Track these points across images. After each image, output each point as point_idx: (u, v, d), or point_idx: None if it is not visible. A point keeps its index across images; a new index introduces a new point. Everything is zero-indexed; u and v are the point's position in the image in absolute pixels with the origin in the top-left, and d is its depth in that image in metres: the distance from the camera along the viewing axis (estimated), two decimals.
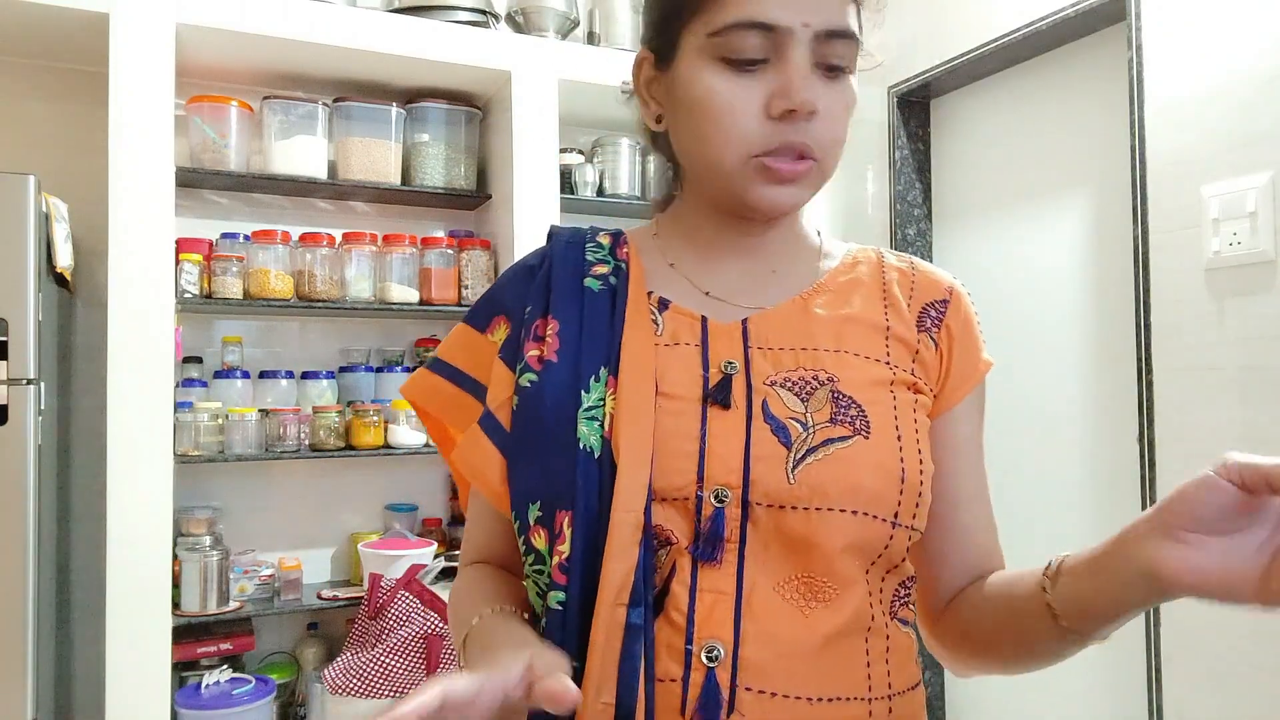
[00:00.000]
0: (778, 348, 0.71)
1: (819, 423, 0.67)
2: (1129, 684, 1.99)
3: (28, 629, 1.78)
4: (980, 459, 0.80)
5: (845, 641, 0.67)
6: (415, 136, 2.53)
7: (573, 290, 0.75)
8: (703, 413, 0.68)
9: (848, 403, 0.69)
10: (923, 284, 0.79)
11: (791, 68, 0.67)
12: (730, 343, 0.72)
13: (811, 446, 0.66)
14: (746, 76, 0.68)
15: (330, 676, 2.01)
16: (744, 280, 0.77)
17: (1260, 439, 1.69)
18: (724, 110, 0.68)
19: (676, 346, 0.72)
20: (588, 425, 0.68)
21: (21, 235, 1.82)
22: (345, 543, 2.55)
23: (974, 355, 0.78)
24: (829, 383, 0.69)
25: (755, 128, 0.68)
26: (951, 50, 2.40)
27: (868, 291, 0.77)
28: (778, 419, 0.67)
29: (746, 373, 0.70)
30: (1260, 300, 1.71)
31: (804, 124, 0.68)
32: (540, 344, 0.72)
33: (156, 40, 2.06)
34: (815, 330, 0.73)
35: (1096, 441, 2.14)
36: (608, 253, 0.78)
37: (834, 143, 0.71)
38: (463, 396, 0.78)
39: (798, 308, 0.75)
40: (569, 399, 0.69)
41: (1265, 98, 1.70)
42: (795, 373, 0.70)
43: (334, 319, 2.59)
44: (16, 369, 1.81)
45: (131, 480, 1.98)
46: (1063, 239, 2.25)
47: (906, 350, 0.75)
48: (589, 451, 0.67)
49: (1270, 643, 1.67)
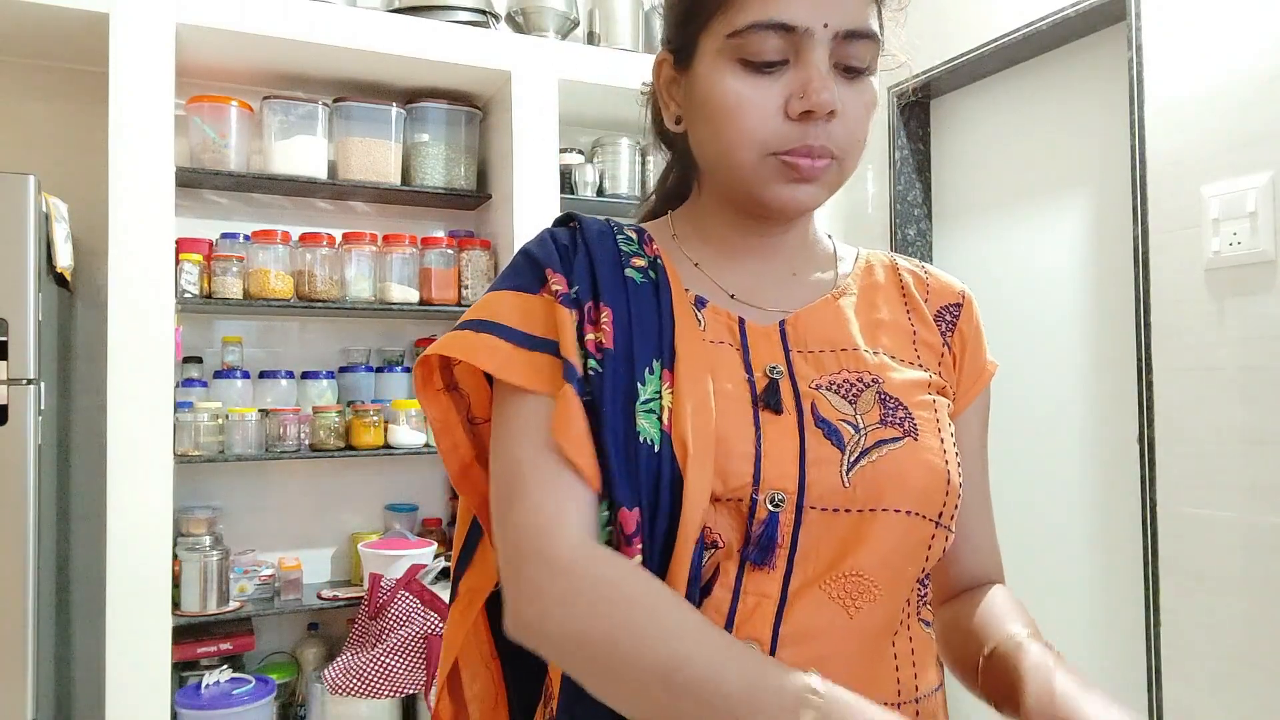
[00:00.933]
0: (817, 350, 0.72)
1: (870, 424, 0.67)
2: (1129, 684, 1.99)
3: (28, 629, 1.78)
4: (984, 465, 0.80)
5: (876, 643, 0.66)
6: (415, 136, 2.53)
7: (617, 280, 0.71)
8: (754, 415, 0.67)
9: (895, 404, 0.69)
10: (937, 288, 0.80)
11: (811, 69, 0.66)
12: (770, 346, 0.71)
13: (865, 448, 0.66)
14: (766, 77, 0.67)
15: (330, 676, 2.01)
16: (764, 282, 0.76)
17: (1260, 439, 1.69)
18: (742, 110, 0.68)
19: (720, 345, 0.71)
20: (646, 418, 0.65)
21: (21, 235, 1.82)
22: (345, 543, 2.55)
23: (981, 359, 0.79)
24: (874, 384, 0.70)
25: (774, 128, 0.67)
26: (951, 50, 2.40)
27: (889, 295, 0.78)
28: (829, 422, 0.67)
29: (791, 376, 0.69)
30: (1260, 300, 1.71)
31: (823, 125, 0.67)
32: (596, 328, 0.68)
33: (156, 40, 2.06)
34: (850, 332, 0.73)
35: (1096, 441, 2.14)
36: (639, 246, 0.76)
37: (854, 143, 0.70)
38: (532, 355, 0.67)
39: (830, 310, 0.74)
40: (627, 389, 0.66)
41: (1265, 98, 1.70)
42: (839, 375, 0.70)
43: (334, 319, 2.59)
44: (16, 369, 1.81)
45: (131, 480, 1.98)
46: (1063, 239, 2.25)
47: (933, 354, 0.76)
48: (650, 445, 0.64)
49: (1270, 643, 1.67)
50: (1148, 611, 1.87)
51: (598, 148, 2.74)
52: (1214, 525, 1.76)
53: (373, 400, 2.45)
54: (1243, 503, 1.72)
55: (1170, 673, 1.84)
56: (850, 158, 0.70)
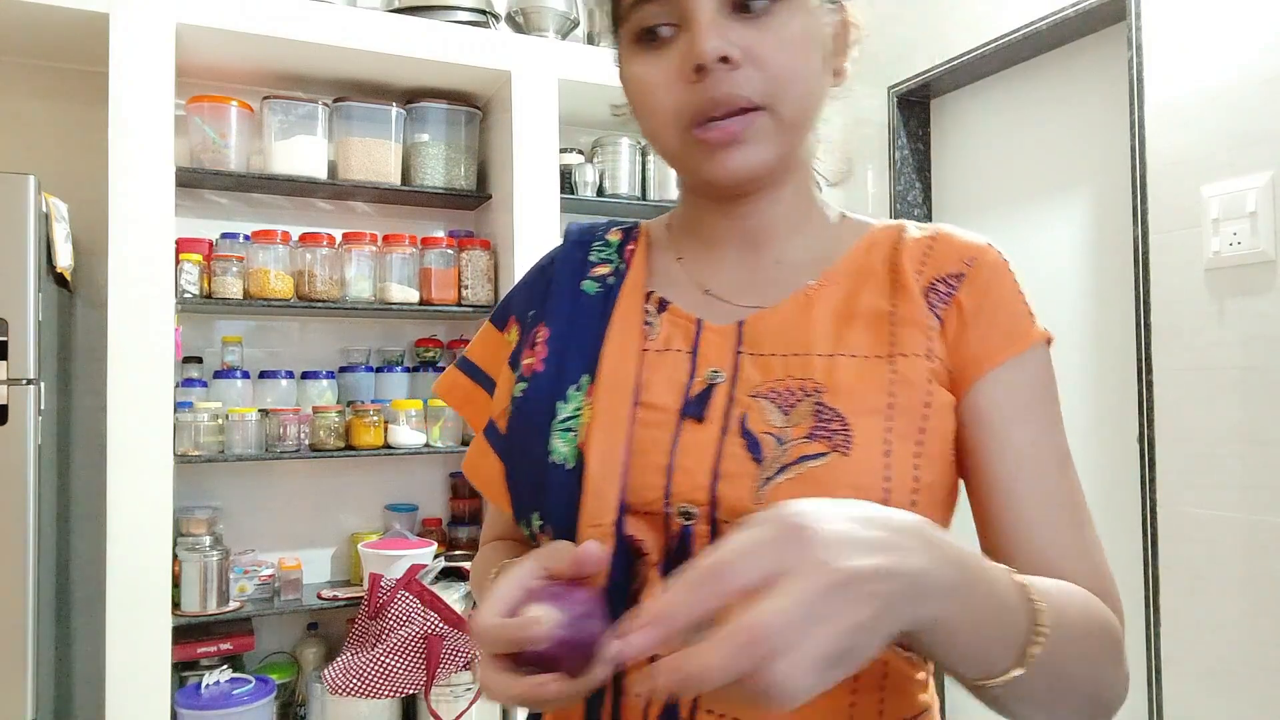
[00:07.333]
0: (770, 354, 0.66)
1: (796, 438, 0.61)
2: (1129, 684, 2.00)
3: (28, 629, 1.78)
4: (1037, 459, 0.64)
5: None
6: (415, 136, 2.53)
7: (568, 294, 0.72)
8: (677, 425, 0.64)
9: (831, 416, 0.61)
10: (940, 255, 0.69)
11: (694, 23, 0.62)
12: (721, 348, 0.67)
13: (784, 464, 0.60)
14: (661, 51, 0.64)
15: (330, 676, 2.01)
16: (744, 274, 0.72)
17: (1260, 439, 1.69)
18: (647, 89, 0.65)
19: (666, 353, 0.68)
20: (563, 437, 0.65)
21: (21, 235, 1.82)
22: (345, 543, 2.55)
23: (1002, 326, 0.66)
24: (815, 394, 0.63)
25: (678, 97, 0.63)
26: (951, 50, 2.40)
27: (879, 278, 0.69)
28: (753, 434, 0.62)
29: (733, 382, 0.65)
30: (1260, 300, 1.71)
31: (727, 74, 0.62)
32: (533, 351, 0.71)
33: (156, 40, 2.06)
34: (813, 332, 0.66)
35: (1097, 441, 2.14)
36: (614, 251, 0.75)
37: (779, 84, 0.63)
38: (478, 392, 0.77)
39: (798, 306, 0.68)
40: (545, 410, 0.67)
41: (1265, 98, 1.70)
42: (782, 383, 0.64)
43: (334, 319, 2.59)
44: (16, 369, 1.81)
45: (131, 480, 1.98)
46: (1063, 239, 2.25)
47: (920, 333, 0.65)
48: (561, 464, 0.64)
49: (1270, 643, 1.67)
50: (1148, 611, 1.87)
51: (598, 148, 2.74)
52: (1214, 525, 1.76)
53: (373, 400, 2.45)
54: (1243, 503, 1.72)
55: (1170, 673, 1.84)
56: (781, 102, 0.64)
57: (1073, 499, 0.65)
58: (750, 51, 0.62)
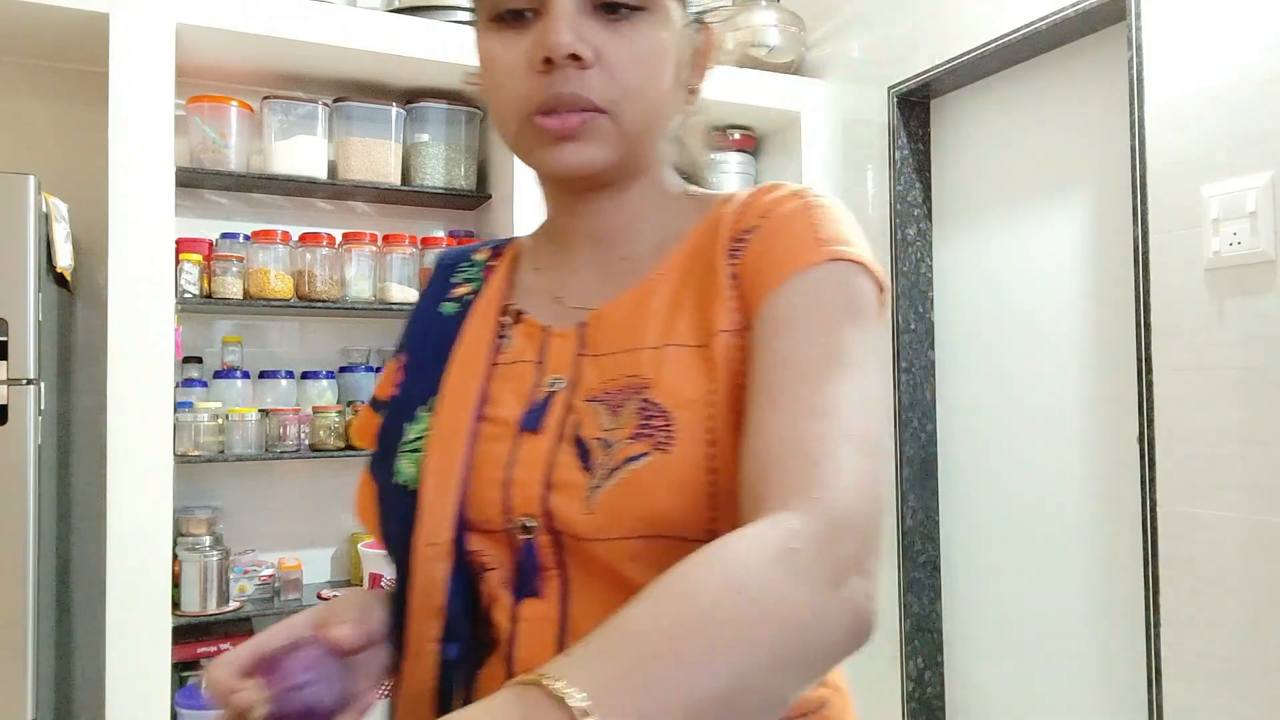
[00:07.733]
0: (606, 353, 0.64)
1: (622, 440, 0.59)
2: (1129, 684, 1.99)
3: (28, 629, 1.78)
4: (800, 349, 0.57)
5: None
6: (415, 136, 2.53)
7: (427, 319, 0.73)
8: (517, 437, 0.63)
9: (654, 412, 0.59)
10: (736, 217, 0.65)
11: (552, 13, 0.60)
12: (564, 354, 0.66)
13: (612, 468, 0.58)
14: (516, 32, 0.62)
15: None
16: (594, 275, 0.69)
17: (1260, 439, 1.70)
18: (496, 69, 0.63)
19: (516, 364, 0.67)
20: (409, 458, 0.65)
21: (21, 235, 1.82)
22: (345, 543, 2.55)
23: (784, 254, 0.61)
24: (641, 390, 0.60)
25: (525, 84, 0.61)
26: (951, 50, 2.40)
27: (707, 255, 0.65)
28: (584, 440, 0.60)
29: (572, 388, 0.64)
30: (1260, 300, 1.71)
31: (576, 74, 0.60)
32: (394, 378, 0.72)
33: (156, 40, 2.06)
34: (647, 325, 0.63)
35: (1096, 441, 2.14)
36: (479, 270, 0.75)
37: (623, 92, 0.61)
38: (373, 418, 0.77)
39: (637, 300, 0.65)
40: (395, 434, 0.67)
41: (1265, 98, 1.70)
42: (615, 382, 0.62)
43: (334, 319, 2.59)
44: (16, 369, 1.81)
45: (131, 480, 1.98)
46: (1063, 239, 2.25)
47: (724, 304, 0.62)
48: (404, 485, 0.64)
49: (1270, 643, 1.67)
50: (1148, 611, 1.87)
51: None
52: (1214, 525, 1.76)
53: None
54: (1243, 503, 1.72)
55: (1170, 672, 1.84)
56: (624, 111, 0.62)
57: (826, 399, 0.55)
58: (602, 54, 0.61)
